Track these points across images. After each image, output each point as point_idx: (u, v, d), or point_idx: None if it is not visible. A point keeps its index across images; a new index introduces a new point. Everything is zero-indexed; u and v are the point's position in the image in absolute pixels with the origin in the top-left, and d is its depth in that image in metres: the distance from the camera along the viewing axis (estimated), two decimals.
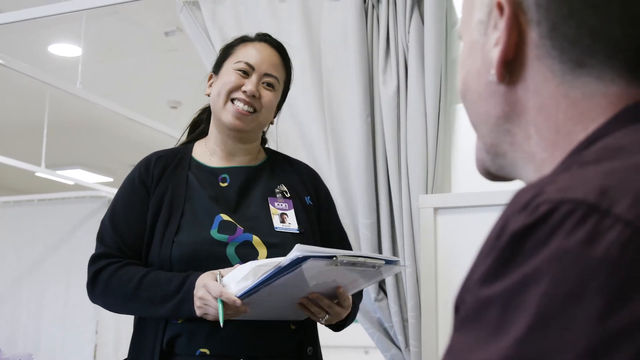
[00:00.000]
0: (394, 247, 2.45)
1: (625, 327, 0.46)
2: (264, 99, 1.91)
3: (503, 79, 0.66)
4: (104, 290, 1.79)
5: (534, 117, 0.65)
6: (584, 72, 0.62)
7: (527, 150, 0.66)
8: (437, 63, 2.42)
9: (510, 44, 0.65)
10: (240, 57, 1.93)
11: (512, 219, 0.53)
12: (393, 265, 1.71)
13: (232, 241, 1.78)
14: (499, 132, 0.69)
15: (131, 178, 1.91)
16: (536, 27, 0.63)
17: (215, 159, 1.96)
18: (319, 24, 2.65)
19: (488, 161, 0.72)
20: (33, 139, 5.86)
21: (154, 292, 1.73)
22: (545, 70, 0.63)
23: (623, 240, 0.48)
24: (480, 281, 0.52)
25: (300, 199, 1.96)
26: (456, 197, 2.34)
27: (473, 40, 0.70)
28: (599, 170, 0.53)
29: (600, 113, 0.61)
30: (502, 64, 0.65)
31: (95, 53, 5.11)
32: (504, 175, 0.72)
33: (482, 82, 0.68)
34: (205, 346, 1.75)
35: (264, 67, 1.92)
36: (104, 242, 1.85)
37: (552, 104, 0.63)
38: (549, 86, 0.63)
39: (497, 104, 0.68)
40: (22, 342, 5.58)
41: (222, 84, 1.91)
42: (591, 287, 0.47)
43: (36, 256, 5.75)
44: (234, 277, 1.65)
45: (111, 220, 1.86)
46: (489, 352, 0.49)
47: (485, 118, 0.70)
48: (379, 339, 2.47)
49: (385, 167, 2.48)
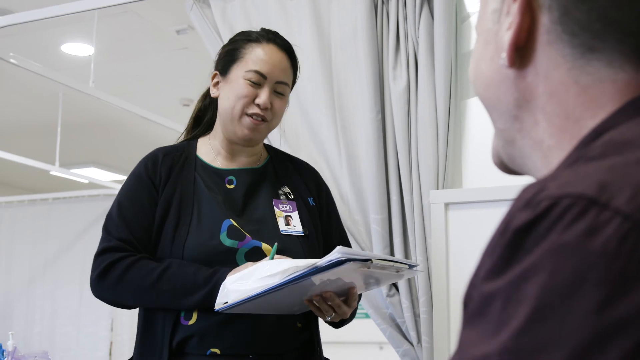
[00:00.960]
0: (405, 242, 2.46)
1: (623, 319, 0.47)
2: (275, 108, 1.90)
3: (514, 63, 0.67)
4: (116, 283, 1.78)
5: (543, 103, 0.65)
6: (594, 57, 0.62)
7: (535, 137, 0.67)
8: (447, 58, 2.42)
9: (523, 28, 0.65)
10: (250, 64, 1.88)
11: (516, 215, 0.53)
12: (413, 269, 1.72)
13: (242, 247, 1.80)
14: (507, 118, 0.69)
15: (137, 174, 1.90)
16: (547, 12, 0.64)
17: (219, 159, 1.95)
18: (328, 21, 2.65)
19: (501, 149, 0.73)
20: (47, 138, 5.88)
21: (177, 286, 1.73)
22: (556, 55, 0.64)
23: (621, 233, 0.48)
24: (484, 277, 0.53)
25: (304, 200, 1.96)
26: (467, 192, 2.34)
27: (487, 29, 0.70)
28: (602, 165, 0.54)
29: (608, 100, 0.62)
30: (514, 47, 0.66)
31: (108, 52, 5.13)
32: (515, 167, 0.73)
33: (494, 66, 0.69)
34: (216, 346, 1.76)
35: (276, 75, 1.89)
36: (113, 234, 1.83)
37: (562, 89, 0.64)
38: (560, 71, 0.64)
39: (507, 89, 0.68)
40: (37, 341, 5.61)
41: (235, 96, 1.87)
42: (589, 279, 0.48)
43: (51, 254, 5.78)
44: (260, 271, 1.64)
45: (119, 213, 1.85)
46: (490, 345, 0.49)
47: (496, 103, 0.70)
48: (391, 334, 2.47)
49: (396, 163, 2.48)
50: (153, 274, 1.75)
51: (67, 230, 5.73)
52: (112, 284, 1.79)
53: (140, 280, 1.76)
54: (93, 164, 7.98)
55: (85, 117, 6.46)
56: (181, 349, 1.78)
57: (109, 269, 1.79)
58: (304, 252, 1.85)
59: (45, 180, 7.10)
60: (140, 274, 1.76)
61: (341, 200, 2.56)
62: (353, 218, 2.53)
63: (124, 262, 1.78)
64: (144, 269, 1.77)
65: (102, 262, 1.81)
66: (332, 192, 2.48)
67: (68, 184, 7.03)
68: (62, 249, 5.74)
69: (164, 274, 1.75)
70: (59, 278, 5.69)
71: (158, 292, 1.75)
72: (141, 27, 4.80)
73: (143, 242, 1.83)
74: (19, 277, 5.87)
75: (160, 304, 1.79)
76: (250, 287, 1.62)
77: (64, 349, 5.53)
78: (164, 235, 1.82)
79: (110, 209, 1.89)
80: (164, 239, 1.82)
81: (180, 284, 1.73)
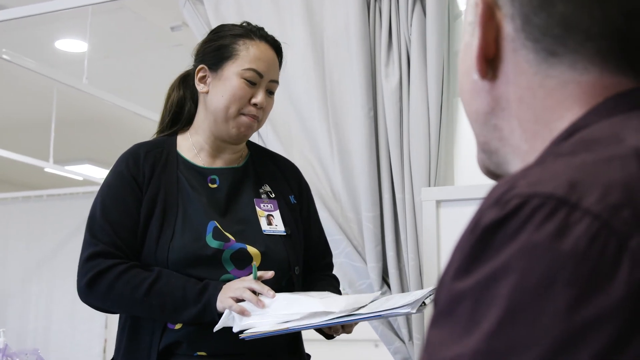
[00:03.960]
0: (397, 240, 2.46)
1: (593, 320, 0.47)
2: (266, 108, 1.88)
3: (485, 74, 0.67)
4: (106, 293, 1.75)
5: (515, 109, 0.66)
6: (557, 60, 0.63)
7: (513, 143, 0.67)
8: (440, 56, 2.42)
9: (488, 40, 0.66)
10: (245, 62, 1.83)
11: (485, 213, 0.53)
12: None
13: (228, 248, 1.78)
14: (488, 128, 0.70)
15: (119, 172, 1.84)
16: (511, 21, 0.65)
17: (202, 155, 1.91)
18: (321, 18, 2.65)
19: (486, 160, 0.73)
20: (41, 135, 5.87)
21: (167, 301, 1.71)
22: (522, 61, 0.65)
23: (591, 233, 0.48)
24: (454, 276, 0.53)
25: (285, 198, 1.95)
26: (459, 189, 2.35)
27: (465, 42, 0.71)
28: (571, 163, 0.54)
29: (574, 102, 0.62)
30: (481, 59, 0.67)
31: (102, 48, 5.12)
32: (503, 173, 0.73)
33: (470, 80, 0.70)
34: (202, 349, 1.76)
35: (271, 74, 1.87)
36: (99, 237, 1.78)
37: (529, 94, 0.65)
38: (526, 77, 0.65)
39: (483, 100, 0.69)
40: (31, 338, 5.61)
41: (231, 95, 1.83)
42: (559, 280, 0.48)
43: (45, 251, 5.77)
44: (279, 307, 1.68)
45: (104, 215, 1.80)
46: (461, 346, 0.49)
47: (476, 116, 0.71)
48: (382, 331, 2.47)
49: (388, 160, 2.48)
50: (142, 287, 1.72)
51: (61, 227, 5.73)
52: (101, 294, 1.76)
53: (130, 293, 1.72)
54: (87, 160, 7.97)
55: (79, 114, 6.45)
56: (169, 351, 1.77)
57: (97, 278, 1.75)
58: (287, 252, 1.84)
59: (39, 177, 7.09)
60: (129, 287, 1.72)
61: (333, 197, 2.56)
62: (345, 215, 2.54)
63: (113, 272, 1.74)
64: (133, 281, 1.73)
65: (90, 269, 1.76)
66: (324, 189, 2.48)
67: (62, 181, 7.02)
68: (56, 246, 5.74)
69: (152, 287, 1.72)
70: (54, 275, 5.69)
71: (147, 306, 1.73)
72: (135, 24, 4.79)
73: (128, 243, 1.79)
74: (13, 274, 5.87)
75: (150, 316, 1.77)
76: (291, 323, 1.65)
77: (59, 346, 5.53)
78: (149, 235, 1.79)
79: (92, 209, 1.84)
80: (149, 240, 1.79)
81: (169, 299, 1.71)
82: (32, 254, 5.81)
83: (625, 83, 0.62)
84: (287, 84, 2.63)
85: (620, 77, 0.62)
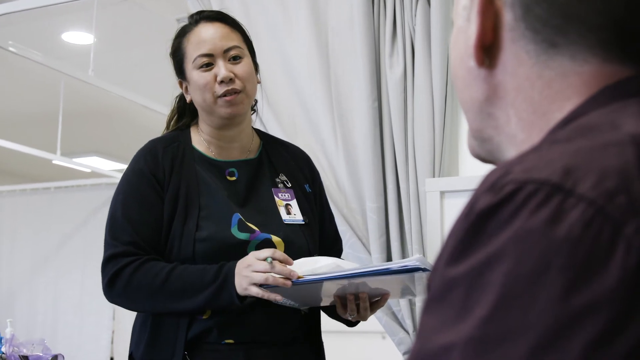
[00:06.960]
0: (401, 230, 2.46)
1: (587, 306, 0.46)
2: (239, 74, 1.84)
3: (482, 63, 0.67)
4: (125, 288, 1.75)
5: (512, 98, 0.66)
6: (557, 51, 0.62)
7: (509, 132, 0.67)
8: (444, 46, 2.42)
9: (486, 28, 0.65)
10: (192, 54, 1.85)
11: (480, 198, 0.53)
12: None
13: (254, 239, 1.79)
14: (483, 116, 0.69)
15: (138, 170, 1.84)
16: (510, 9, 0.64)
17: (213, 148, 1.91)
18: (325, 9, 2.65)
19: (477, 147, 0.73)
20: (48, 127, 5.88)
21: (186, 284, 1.71)
22: (521, 52, 0.64)
23: (586, 219, 0.48)
24: (447, 262, 0.52)
25: (301, 187, 1.95)
26: (463, 180, 2.34)
27: (459, 26, 0.70)
28: (566, 149, 0.53)
29: (574, 92, 0.62)
30: (479, 48, 0.66)
31: (108, 40, 5.13)
32: (494, 160, 0.73)
33: (465, 67, 0.69)
34: (231, 337, 1.77)
35: (219, 46, 1.84)
36: (119, 239, 1.78)
37: (527, 84, 0.64)
38: (524, 67, 0.64)
39: (479, 88, 0.68)
40: (39, 330, 5.63)
41: (198, 89, 1.84)
42: (554, 266, 0.47)
43: (53, 244, 5.79)
44: (304, 265, 1.68)
45: (125, 214, 1.79)
46: (454, 333, 0.49)
47: (471, 104, 0.70)
48: (387, 323, 2.48)
49: (392, 151, 2.48)
50: (160, 275, 1.73)
51: (69, 219, 5.74)
52: (122, 288, 1.76)
53: (149, 281, 1.73)
54: (95, 152, 7.97)
55: (86, 106, 6.45)
56: (195, 343, 1.77)
57: (116, 276, 1.76)
58: (306, 240, 1.86)
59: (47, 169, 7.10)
60: (149, 276, 1.74)
61: (338, 188, 2.56)
62: (349, 206, 2.54)
63: (131, 267, 1.75)
64: (151, 270, 1.74)
65: (110, 269, 1.77)
66: (328, 180, 2.48)
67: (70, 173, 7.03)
68: (64, 238, 5.75)
69: (171, 273, 1.73)
70: (61, 267, 5.70)
71: (168, 293, 1.73)
72: (141, 16, 4.79)
73: (150, 241, 1.79)
74: (21, 266, 5.89)
75: (172, 306, 1.76)
76: (320, 270, 1.66)
77: (67, 338, 5.55)
78: (173, 231, 1.79)
79: (111, 209, 1.84)
80: (172, 236, 1.79)
81: (188, 281, 1.72)
82: (40, 246, 5.83)
83: (625, 73, 0.61)
84: (292, 74, 2.63)
85: (620, 68, 0.61)
